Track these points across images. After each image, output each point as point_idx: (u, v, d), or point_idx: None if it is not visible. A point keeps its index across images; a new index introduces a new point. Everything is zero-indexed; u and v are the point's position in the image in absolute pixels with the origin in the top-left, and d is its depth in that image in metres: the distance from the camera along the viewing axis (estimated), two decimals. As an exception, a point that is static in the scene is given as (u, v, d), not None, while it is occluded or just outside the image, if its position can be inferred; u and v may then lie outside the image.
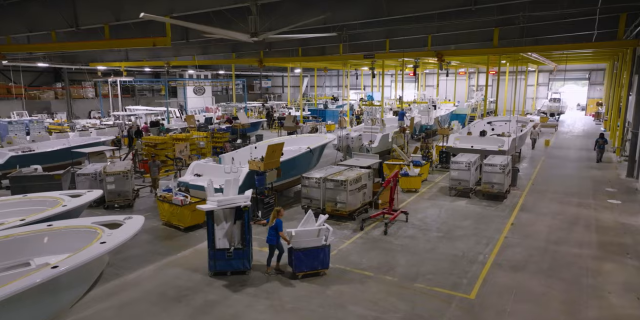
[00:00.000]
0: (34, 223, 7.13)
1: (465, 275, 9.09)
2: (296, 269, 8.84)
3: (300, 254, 8.74)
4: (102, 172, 13.69)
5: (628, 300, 8.05)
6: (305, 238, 8.82)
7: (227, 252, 8.83)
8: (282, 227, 8.93)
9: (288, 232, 8.83)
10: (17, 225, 7.00)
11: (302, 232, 8.87)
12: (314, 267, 8.91)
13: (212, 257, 8.88)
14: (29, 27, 16.49)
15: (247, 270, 9.06)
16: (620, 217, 12.92)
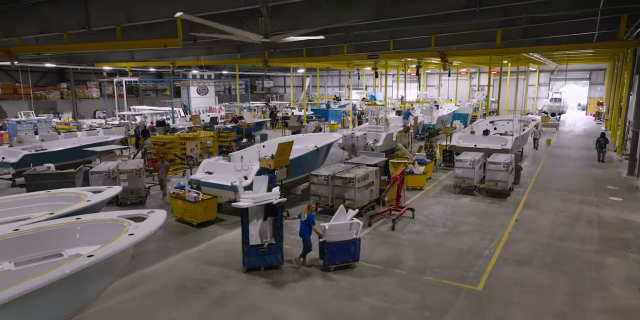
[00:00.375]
0: (62, 217, 7.45)
1: (472, 268, 9.41)
2: (328, 262, 9.17)
3: (332, 247, 9.09)
4: (115, 170, 14.01)
5: (630, 292, 8.36)
6: (338, 232, 9.18)
7: (261, 248, 9.05)
8: (314, 220, 9.27)
9: (322, 226, 9.17)
10: (47, 218, 7.32)
11: (334, 226, 9.22)
12: (345, 260, 9.28)
13: (247, 253, 9.07)
14: (42, 29, 16.83)
15: (280, 264, 9.33)
16: (621, 213, 13.23)
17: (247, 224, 9.09)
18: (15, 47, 18.59)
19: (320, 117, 37.43)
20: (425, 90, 49.31)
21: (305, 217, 9.24)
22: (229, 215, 13.10)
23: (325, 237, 9.11)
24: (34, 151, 16.97)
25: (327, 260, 9.17)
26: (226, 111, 41.12)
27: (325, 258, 9.19)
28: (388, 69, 34.88)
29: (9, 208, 8.40)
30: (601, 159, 21.40)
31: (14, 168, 15.98)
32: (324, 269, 9.24)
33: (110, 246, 6.02)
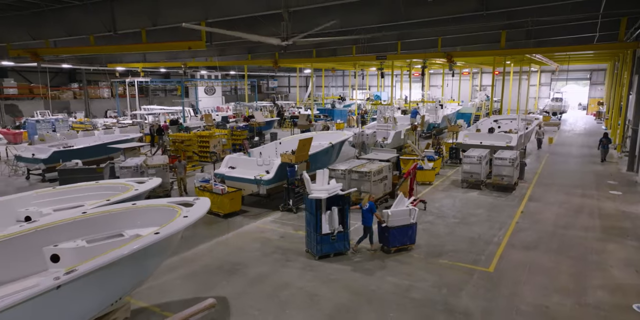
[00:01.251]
0: (117, 203, 8.29)
1: (483, 253, 10.24)
2: (390, 245, 10.07)
3: (394, 231, 10.03)
4: (143, 165, 14.85)
5: (628, 273, 9.19)
6: (398, 217, 10.09)
7: (331, 236, 9.77)
8: (375, 208, 10.19)
9: (385, 212, 10.07)
10: (105, 204, 8.16)
11: (396, 212, 10.11)
12: (404, 242, 10.25)
13: (319, 242, 9.70)
14: (69, 32, 17.62)
15: (347, 250, 10.10)
16: (621, 205, 14.06)
17: (321, 215, 9.69)
18: (41, 49, 19.47)
19: (327, 116, 38.26)
20: (427, 90, 50.06)
21: (367, 205, 10.13)
22: (251, 207, 13.95)
23: (388, 222, 9.99)
24: (62, 148, 17.82)
25: (389, 243, 10.09)
26: (234, 111, 41.99)
27: (388, 241, 10.09)
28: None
29: (66, 196, 9.23)
30: (603, 159, 21.61)
31: (44, 164, 16.82)
32: (386, 251, 10.15)
33: (172, 225, 6.86)
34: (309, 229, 10.02)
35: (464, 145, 19.91)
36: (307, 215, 10.09)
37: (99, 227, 7.52)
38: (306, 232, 10.26)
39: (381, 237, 10.30)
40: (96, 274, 5.67)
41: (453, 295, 8.23)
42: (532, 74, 50.62)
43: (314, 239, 9.80)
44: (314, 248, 9.88)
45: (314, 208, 9.68)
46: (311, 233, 9.91)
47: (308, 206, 9.95)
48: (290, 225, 12.28)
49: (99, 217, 7.60)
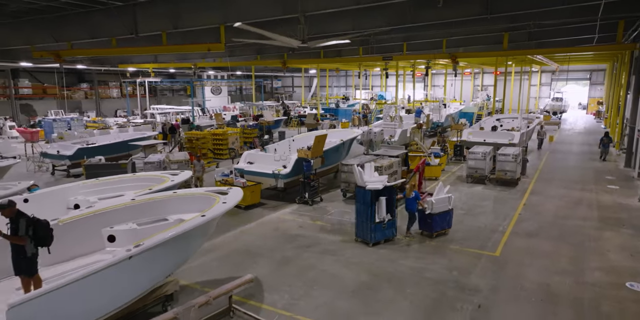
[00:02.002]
0: (158, 191, 9.13)
1: (489, 240, 11.08)
2: (433, 230, 11.05)
3: (436, 217, 11.03)
4: (165, 160, 15.69)
5: (623, 257, 10.03)
6: (440, 204, 11.07)
7: (382, 224, 10.56)
8: (419, 196, 11.24)
9: (429, 201, 11.01)
10: (148, 193, 9.01)
11: (438, 200, 11.06)
12: (443, 227, 11.28)
13: (373, 230, 10.41)
14: (92, 34, 18.44)
15: (394, 236, 10.95)
16: (618, 198, 14.90)
17: (376, 204, 10.41)
18: (64, 51, 20.31)
19: (333, 115, 39.12)
20: (430, 89, 50.94)
21: (413, 194, 11.09)
22: (269, 200, 14.79)
23: (431, 209, 10.93)
24: (85, 145, 18.68)
25: (432, 228, 11.06)
26: (240, 110, 42.84)
27: (431, 227, 11.06)
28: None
29: (108, 186, 10.09)
30: (603, 158, 21.83)
31: (69, 160, 17.68)
32: (428, 236, 11.14)
33: (214, 209, 7.69)
34: (361, 219, 10.65)
35: (468, 143, 20.73)
36: (359, 205, 10.70)
37: (145, 212, 8.36)
38: (356, 222, 10.89)
39: (423, 223, 11.26)
40: (157, 248, 6.50)
41: (463, 275, 9.07)
42: (533, 74, 51.47)
43: (368, 227, 10.48)
44: (367, 236, 10.55)
45: (368, 198, 10.37)
46: (364, 222, 10.56)
47: (361, 197, 10.57)
48: (308, 216, 13.12)
49: (145, 204, 8.45)
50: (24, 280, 6.50)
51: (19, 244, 6.39)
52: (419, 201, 11.10)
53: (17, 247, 6.44)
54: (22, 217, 6.45)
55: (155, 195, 8.76)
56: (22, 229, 6.36)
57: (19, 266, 6.49)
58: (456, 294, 8.24)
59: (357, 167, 10.97)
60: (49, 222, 6.74)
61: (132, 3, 16.66)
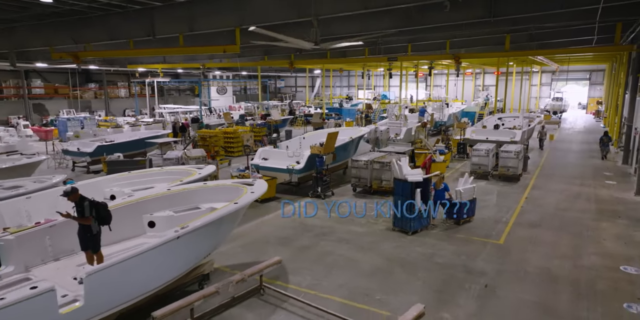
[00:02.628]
0: (188, 183, 9.89)
1: (493, 230, 11.84)
2: (460, 217, 12.05)
3: (463, 206, 11.99)
4: (184, 157, 16.46)
5: (618, 244, 10.78)
6: (467, 194, 12.05)
7: (419, 213, 11.35)
8: (448, 188, 12.26)
9: (457, 191, 12.02)
10: (179, 184, 9.77)
11: (466, 190, 12.04)
12: (469, 215, 12.32)
13: (413, 219, 11.25)
14: (110, 36, 19.15)
15: (429, 225, 11.84)
16: (615, 193, 15.65)
17: (415, 196, 11.14)
18: (82, 52, 21.07)
19: (338, 114, 39.88)
20: (431, 89, 51.67)
21: (442, 186, 12.09)
22: (283, 195, 15.53)
23: (460, 199, 11.91)
24: (105, 143, 19.45)
25: (459, 216, 12.03)
26: (245, 110, 43.56)
27: (459, 214, 12.02)
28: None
29: (139, 179, 10.86)
30: (604, 157, 22.09)
31: (90, 157, 18.45)
32: (456, 223, 12.16)
33: (244, 198, 8.46)
34: (399, 210, 11.36)
35: (471, 141, 21.51)
36: (397, 197, 11.46)
37: (179, 201, 9.13)
38: (394, 213, 11.63)
39: (449, 212, 12.18)
40: (199, 230, 7.26)
41: (470, 260, 9.83)
42: (533, 74, 52.21)
43: (407, 217, 11.28)
44: (407, 225, 11.35)
45: (407, 190, 11.19)
46: (403, 213, 11.30)
47: (400, 189, 11.37)
48: (321, 209, 13.87)
49: (179, 194, 9.22)
50: (89, 255, 7.29)
51: (86, 223, 7.20)
52: (448, 192, 12.15)
53: (84, 227, 7.25)
54: (85, 201, 7.25)
55: (188, 186, 9.53)
56: (87, 211, 7.16)
57: (86, 243, 7.29)
58: (465, 276, 8.99)
59: (396, 162, 11.86)
60: (107, 204, 7.56)
61: (150, 7, 17.40)
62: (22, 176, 13.15)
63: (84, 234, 7.27)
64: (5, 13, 18.69)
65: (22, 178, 12.29)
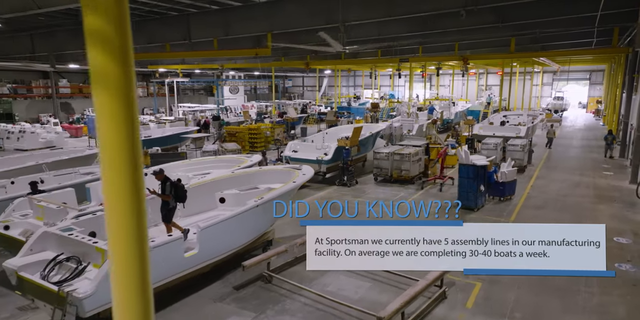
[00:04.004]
0: (245, 168, 11.59)
1: (504, 211, 13.53)
2: (503, 195, 14.27)
3: (507, 185, 14.15)
4: (220, 149, 18.17)
5: (612, 222, 12.45)
6: (510, 175, 14.11)
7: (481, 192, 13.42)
8: (497, 170, 14.31)
9: (502, 172, 14.09)
10: (239, 168, 11.47)
11: (509, 172, 14.10)
12: (511, 193, 14.60)
13: (479, 197, 13.37)
14: (148, 40, 20.82)
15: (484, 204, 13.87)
16: (611, 182, 17.34)
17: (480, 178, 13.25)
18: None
19: (349, 113, 41.59)
20: (436, 89, 53.37)
21: (493, 168, 14.03)
22: (311, 183, 17.08)
23: (505, 179, 13.87)
24: (143, 137, 21.15)
25: (502, 194, 14.07)
26: (257, 108, 45.25)
27: (503, 193, 14.09)
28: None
29: (198, 166, 12.56)
30: (609, 155, 22.30)
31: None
32: (500, 201, 14.33)
33: (299, 179, 10.16)
34: (464, 190, 13.44)
35: (479, 136, 23.20)
36: (462, 180, 13.56)
37: (241, 182, 10.84)
38: (460, 193, 13.62)
39: (497, 190, 14.19)
40: (270, 202, 8.96)
41: (486, 234, 11.51)
42: (535, 74, 53.86)
43: (473, 196, 13.33)
44: (472, 203, 13.38)
45: (472, 174, 13.31)
46: (468, 192, 13.39)
47: (465, 173, 13.49)
48: (349, 195, 15.56)
49: (240, 176, 10.93)
50: (167, 225, 8.96)
51: (166, 200, 8.85)
52: (496, 173, 14.14)
53: (164, 202, 8.90)
54: (168, 181, 8.92)
55: (247, 170, 11.25)
56: (168, 189, 8.82)
57: (165, 216, 8.96)
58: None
59: (463, 149, 14.19)
60: (184, 186, 9.23)
61: (186, 13, 19.08)
62: (82, 165, 14.83)
63: (164, 208, 8.92)
64: (53, 19, 20.40)
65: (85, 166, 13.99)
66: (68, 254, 6.70)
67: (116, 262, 1.67)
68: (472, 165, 13.40)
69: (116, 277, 1.67)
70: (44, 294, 6.15)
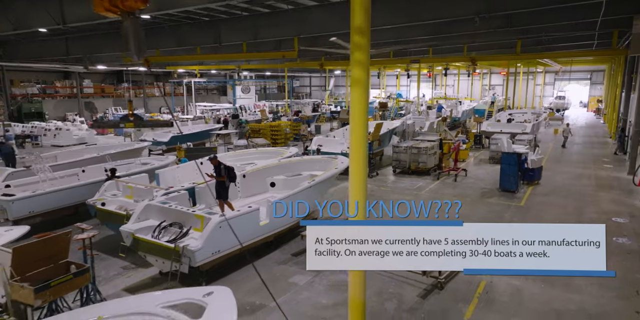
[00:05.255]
0: (287, 158, 13.18)
1: (514, 197, 15.11)
2: (531, 180, 16.43)
3: (536, 171, 16.49)
4: (250, 143, 19.76)
5: (611, 205, 14.04)
6: (537, 162, 16.11)
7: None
8: (527, 158, 16.20)
9: (531, 159, 16.06)
10: (283, 158, 13.05)
11: (536, 159, 16.14)
12: (537, 179, 16.71)
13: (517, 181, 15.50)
14: (179, 43, 22.34)
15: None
16: (611, 173, 18.92)
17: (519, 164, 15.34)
18: (152, 57, 24.29)
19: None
20: (445, 89, 54.92)
21: (524, 157, 15.83)
22: (336, 175, 18.80)
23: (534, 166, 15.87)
24: (176, 133, 22.75)
25: (532, 179, 16.35)
26: (268, 108, 46.86)
27: (532, 177, 16.41)
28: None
29: (243, 157, 14.15)
30: (623, 151, 22.59)
31: (165, 146, 21.77)
32: (529, 184, 16.44)
33: (340, 166, 11.74)
34: (506, 175, 15.65)
35: (487, 133, 24.78)
36: (504, 166, 15.75)
37: (287, 170, 12.44)
38: (501, 178, 15.80)
39: (528, 176, 16.20)
40: (319, 184, 10.55)
41: (499, 215, 13.11)
42: (538, 74, 55.41)
43: (513, 180, 15.48)
44: (513, 186, 15.53)
45: (513, 160, 15.50)
46: (509, 177, 15.55)
47: (506, 160, 15.71)
48: (372, 184, 17.07)
49: (285, 164, 12.57)
50: (221, 203, 10.55)
51: (222, 180, 10.46)
52: (526, 161, 16.08)
53: (220, 183, 10.50)
54: (222, 164, 10.53)
55: (291, 159, 12.84)
56: (222, 171, 10.43)
57: (220, 194, 10.54)
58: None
59: (504, 139, 16.51)
60: (234, 168, 10.83)
61: (217, 18, 20.63)
62: (130, 157, 16.42)
63: (220, 188, 10.52)
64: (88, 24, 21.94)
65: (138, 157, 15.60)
66: (170, 221, 8.28)
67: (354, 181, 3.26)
68: (514, 153, 15.58)
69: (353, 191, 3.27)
70: (157, 250, 7.72)
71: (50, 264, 6.06)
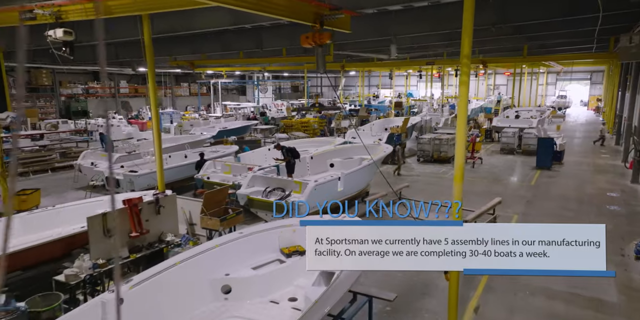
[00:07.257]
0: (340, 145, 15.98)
1: (525, 179, 17.96)
2: (559, 160, 20.19)
3: (561, 153, 19.96)
4: (290, 136, 22.57)
5: (607, 184, 16.87)
6: (563, 146, 19.48)
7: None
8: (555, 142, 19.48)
9: (559, 144, 19.50)
10: (337, 145, 15.85)
11: (562, 144, 19.52)
12: (560, 160, 20.25)
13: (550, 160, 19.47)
14: (223, 48, 25.10)
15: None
16: (607, 161, 21.74)
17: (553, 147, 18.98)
18: (198, 61, 27.16)
19: (377, 109, 46.07)
20: (455, 88, 57.73)
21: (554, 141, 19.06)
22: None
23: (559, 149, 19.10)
24: (222, 128, 25.60)
25: (558, 159, 19.88)
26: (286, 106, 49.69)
27: (558, 158, 19.80)
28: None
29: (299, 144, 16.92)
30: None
31: (213, 139, 24.60)
32: (556, 163, 20.04)
33: (386, 149, 14.54)
34: (542, 156, 19.67)
35: (497, 128, 27.60)
36: (542, 148, 19.70)
37: (341, 154, 15.28)
38: (538, 157, 19.86)
39: (555, 157, 19.74)
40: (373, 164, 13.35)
41: (515, 191, 15.94)
42: (540, 74, 58.20)
43: (548, 159, 19.54)
44: (548, 164, 19.51)
45: (549, 144, 19.46)
46: (545, 157, 19.58)
47: (542, 144, 19.75)
48: (403, 170, 19.89)
49: (339, 150, 15.47)
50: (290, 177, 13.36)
51: (287, 160, 13.28)
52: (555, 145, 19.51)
53: (288, 163, 13.32)
54: (285, 148, 13.37)
55: (342, 146, 15.67)
56: (286, 154, 13.27)
57: (289, 170, 13.35)
58: (513, 197, 15.10)
59: (541, 127, 18.96)
60: (295, 148, 13.65)
61: (259, 26, 23.39)
62: (194, 148, 19.23)
63: (288, 167, 13.33)
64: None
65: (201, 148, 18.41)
66: (273, 187, 11.10)
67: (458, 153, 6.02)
68: (549, 138, 19.52)
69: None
70: (268, 206, 10.52)
71: (217, 208, 8.89)
